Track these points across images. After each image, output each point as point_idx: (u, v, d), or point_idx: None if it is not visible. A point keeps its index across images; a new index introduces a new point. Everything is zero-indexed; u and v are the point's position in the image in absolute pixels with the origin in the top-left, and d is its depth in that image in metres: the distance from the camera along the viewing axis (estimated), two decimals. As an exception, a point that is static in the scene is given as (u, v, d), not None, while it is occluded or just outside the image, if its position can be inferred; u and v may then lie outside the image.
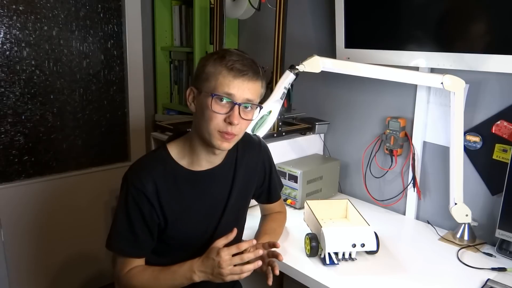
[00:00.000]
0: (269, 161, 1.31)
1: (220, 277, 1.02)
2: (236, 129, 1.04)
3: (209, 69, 1.03)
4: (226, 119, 1.03)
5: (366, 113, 1.76)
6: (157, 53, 2.55)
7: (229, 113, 1.02)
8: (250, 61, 1.05)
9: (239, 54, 1.05)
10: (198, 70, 1.07)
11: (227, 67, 1.01)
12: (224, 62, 1.02)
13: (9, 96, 1.96)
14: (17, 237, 2.04)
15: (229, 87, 1.01)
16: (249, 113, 1.07)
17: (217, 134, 1.04)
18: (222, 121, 1.03)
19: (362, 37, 1.62)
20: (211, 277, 1.04)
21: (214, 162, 1.15)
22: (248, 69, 1.03)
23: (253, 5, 1.85)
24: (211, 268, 1.03)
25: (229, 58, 1.02)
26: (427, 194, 1.61)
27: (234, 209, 1.20)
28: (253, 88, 1.05)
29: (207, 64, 1.04)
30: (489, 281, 1.17)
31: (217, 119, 1.02)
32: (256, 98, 1.07)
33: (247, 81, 1.03)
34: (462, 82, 1.32)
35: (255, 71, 1.04)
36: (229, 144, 1.07)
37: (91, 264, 2.31)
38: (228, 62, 1.02)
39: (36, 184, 2.08)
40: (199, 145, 1.10)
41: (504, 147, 1.37)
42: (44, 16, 2.00)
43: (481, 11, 1.32)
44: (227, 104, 1.03)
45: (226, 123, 1.03)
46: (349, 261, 1.26)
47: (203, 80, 1.05)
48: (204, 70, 1.04)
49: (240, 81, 1.02)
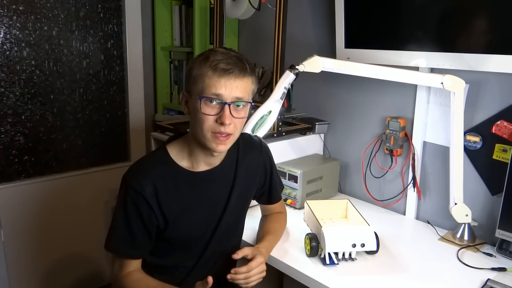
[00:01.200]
0: (270, 162, 1.31)
1: None
2: (230, 128, 1.03)
3: (195, 72, 1.03)
4: (217, 120, 1.02)
5: (366, 113, 1.76)
6: (157, 53, 2.55)
7: (220, 114, 1.02)
8: (235, 59, 1.03)
9: (224, 53, 1.03)
10: (187, 74, 1.07)
11: (211, 68, 1.00)
12: (208, 63, 1.01)
13: (9, 96, 1.96)
14: (17, 237, 2.04)
15: (216, 87, 1.00)
16: (241, 111, 1.06)
17: (210, 136, 1.04)
18: (214, 122, 1.02)
19: (362, 37, 1.62)
20: None
21: (212, 163, 1.15)
22: (233, 67, 1.01)
23: (253, 5, 1.85)
24: None
25: (213, 58, 1.01)
26: (427, 194, 1.61)
27: (234, 210, 1.19)
28: (241, 86, 1.03)
29: (193, 67, 1.04)
30: (489, 281, 1.17)
31: (208, 121, 1.02)
32: (247, 95, 1.06)
33: (234, 79, 1.01)
34: (462, 82, 1.31)
35: (241, 68, 1.02)
36: (225, 146, 1.07)
37: (91, 264, 2.31)
38: (212, 62, 1.00)
39: (36, 184, 2.08)
40: (196, 147, 1.10)
41: (504, 147, 1.37)
42: (44, 16, 2.00)
43: (481, 11, 1.32)
44: (216, 105, 1.02)
45: (218, 123, 1.02)
46: (349, 261, 1.26)
47: (192, 83, 1.04)
48: (191, 73, 1.04)
49: (226, 80, 1.00)
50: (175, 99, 2.62)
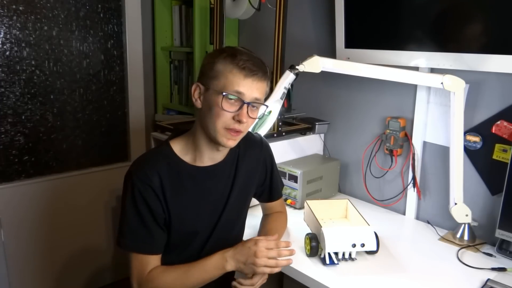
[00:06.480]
0: (270, 159, 1.32)
1: (252, 267, 1.04)
2: (243, 126, 1.06)
3: (218, 67, 1.04)
4: (235, 117, 1.04)
5: (366, 113, 1.76)
6: (157, 53, 2.55)
7: (238, 112, 1.04)
8: (259, 61, 1.07)
9: (249, 54, 1.07)
10: (206, 67, 1.07)
11: (238, 66, 1.03)
12: (235, 61, 1.03)
13: (9, 96, 1.96)
14: (17, 237, 2.04)
15: (239, 85, 1.03)
16: (255, 112, 1.09)
17: (223, 131, 1.05)
18: (230, 118, 1.04)
19: (362, 37, 1.62)
20: (243, 266, 1.05)
21: (216, 158, 1.16)
22: (258, 70, 1.05)
23: (253, 5, 1.85)
24: (245, 257, 1.04)
25: (240, 57, 1.03)
26: (427, 194, 1.61)
27: (234, 206, 1.20)
28: (261, 88, 1.07)
29: (216, 61, 1.05)
30: (489, 281, 1.17)
31: (225, 116, 1.04)
32: (263, 97, 1.10)
33: (257, 81, 1.05)
34: (462, 82, 1.32)
35: (264, 72, 1.07)
36: (234, 142, 1.09)
37: (91, 264, 2.31)
38: (240, 61, 1.03)
39: (36, 184, 2.08)
40: (202, 141, 1.11)
41: (504, 147, 1.37)
42: (44, 16, 2.00)
43: (481, 11, 1.32)
44: (236, 102, 1.04)
45: (234, 120, 1.04)
46: (349, 261, 1.26)
47: (212, 77, 1.05)
48: (213, 67, 1.05)
49: (250, 81, 1.04)
50: (175, 99, 2.63)
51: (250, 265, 1.04)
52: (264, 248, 1.04)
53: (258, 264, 1.03)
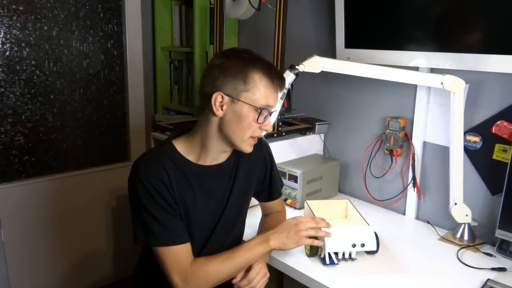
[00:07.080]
0: (270, 158, 1.32)
1: (295, 237, 1.12)
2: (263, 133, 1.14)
3: (255, 80, 1.05)
4: (261, 127, 1.10)
5: (366, 113, 1.76)
6: (157, 53, 2.55)
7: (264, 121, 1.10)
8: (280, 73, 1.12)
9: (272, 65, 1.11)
10: (235, 77, 1.05)
11: (271, 80, 1.07)
12: (269, 75, 1.07)
13: (9, 96, 1.96)
14: (17, 237, 2.04)
15: (271, 99, 1.08)
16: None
17: (249, 140, 1.10)
18: (258, 128, 1.10)
19: (362, 37, 1.62)
20: (286, 240, 1.11)
21: (220, 159, 1.17)
22: (283, 83, 1.12)
23: (253, 5, 1.85)
24: (287, 230, 1.12)
25: (272, 71, 1.08)
26: (427, 194, 1.61)
27: (235, 205, 1.21)
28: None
29: (251, 74, 1.05)
30: (489, 281, 1.17)
31: (255, 127, 1.09)
32: None
33: (278, 92, 1.11)
34: (462, 82, 1.32)
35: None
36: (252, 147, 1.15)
37: (91, 264, 2.31)
38: (272, 75, 1.07)
39: (36, 184, 2.08)
40: (214, 144, 1.12)
41: (504, 147, 1.37)
42: (44, 16, 2.00)
43: (481, 11, 1.32)
44: (265, 113, 1.09)
45: (260, 130, 1.11)
46: (349, 261, 1.26)
47: (243, 90, 1.05)
48: (246, 80, 1.04)
49: (277, 94, 1.11)
50: (175, 99, 2.63)
51: (293, 236, 1.12)
52: (304, 220, 1.15)
53: (300, 231, 1.12)
